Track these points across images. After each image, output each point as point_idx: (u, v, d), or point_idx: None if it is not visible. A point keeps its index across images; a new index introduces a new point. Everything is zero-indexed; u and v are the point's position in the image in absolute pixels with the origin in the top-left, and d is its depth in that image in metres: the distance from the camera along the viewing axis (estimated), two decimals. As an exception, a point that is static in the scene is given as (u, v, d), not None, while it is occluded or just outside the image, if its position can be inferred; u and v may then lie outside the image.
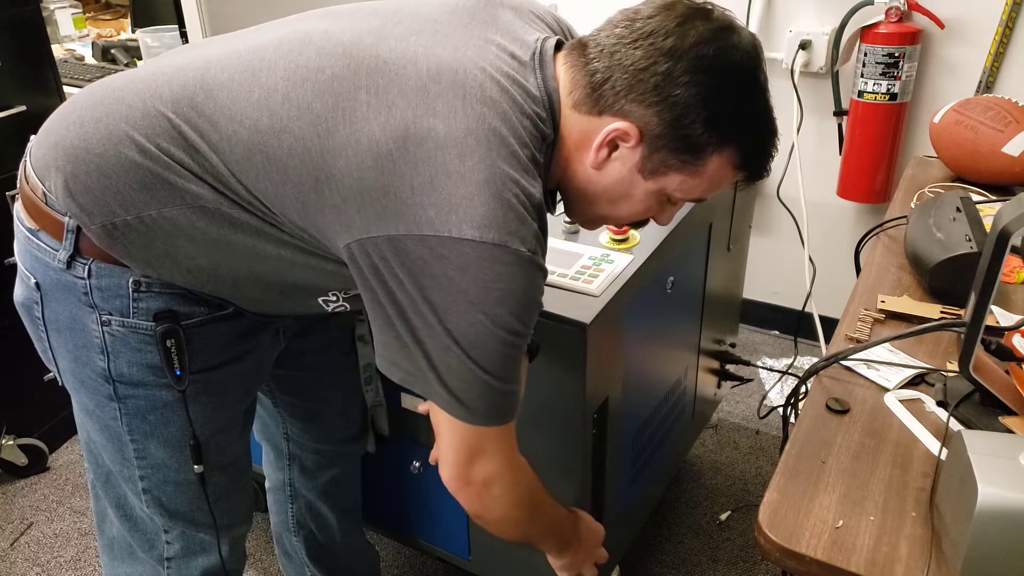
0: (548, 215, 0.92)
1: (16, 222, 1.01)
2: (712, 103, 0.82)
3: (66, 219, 0.93)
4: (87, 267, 0.94)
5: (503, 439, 0.91)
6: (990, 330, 1.05)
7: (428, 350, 0.84)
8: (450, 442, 0.90)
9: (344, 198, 0.82)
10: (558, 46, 0.92)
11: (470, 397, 0.85)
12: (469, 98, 0.82)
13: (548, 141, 0.88)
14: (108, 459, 1.08)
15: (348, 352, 1.34)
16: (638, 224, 1.00)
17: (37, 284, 0.98)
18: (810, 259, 2.26)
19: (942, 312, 1.17)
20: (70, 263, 0.94)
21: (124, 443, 1.04)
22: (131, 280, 0.95)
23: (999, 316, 1.16)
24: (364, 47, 0.86)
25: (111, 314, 0.96)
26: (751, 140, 0.88)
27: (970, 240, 1.17)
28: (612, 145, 0.87)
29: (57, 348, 1.02)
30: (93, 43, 2.76)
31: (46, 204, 0.94)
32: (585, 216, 0.98)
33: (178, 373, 0.99)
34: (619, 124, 0.85)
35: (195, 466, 1.06)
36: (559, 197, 0.99)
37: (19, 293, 1.03)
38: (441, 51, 0.86)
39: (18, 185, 1.00)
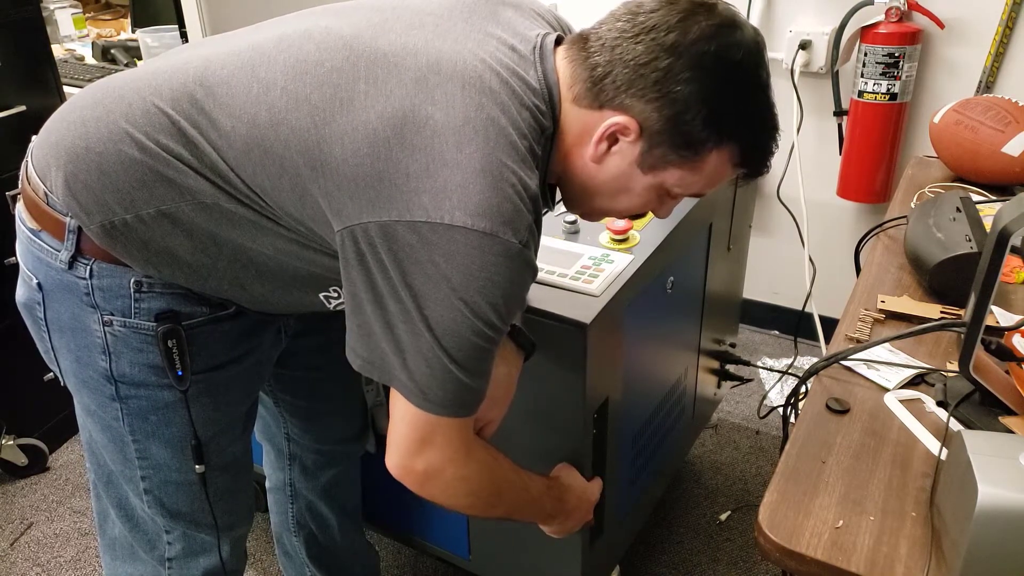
0: (546, 212, 0.91)
1: (18, 223, 1.01)
2: (712, 101, 0.83)
3: (67, 219, 0.93)
4: (89, 267, 0.94)
5: (455, 431, 0.90)
6: (990, 330, 1.05)
7: (398, 335, 0.83)
8: (400, 427, 0.90)
9: (338, 185, 0.82)
10: (558, 42, 0.92)
11: (431, 385, 0.85)
12: (468, 88, 0.82)
13: (547, 134, 0.88)
14: (110, 459, 1.09)
15: (348, 352, 1.34)
16: (637, 216, 1.00)
17: (39, 284, 0.98)
18: (810, 259, 2.26)
19: (942, 312, 1.17)
20: (72, 263, 0.95)
21: (126, 443, 1.05)
22: (133, 280, 0.95)
23: (999, 316, 1.16)
24: (364, 40, 0.86)
25: (113, 314, 0.96)
26: (751, 138, 0.88)
27: (970, 240, 1.17)
28: (612, 139, 0.87)
29: (59, 348, 1.02)
30: (93, 43, 2.76)
31: (47, 204, 0.95)
32: (584, 209, 0.98)
33: (180, 373, 0.99)
34: (619, 119, 0.85)
35: (196, 466, 1.06)
36: (559, 196, 0.99)
37: (21, 293, 1.03)
38: (441, 43, 0.86)
39: (20, 186, 1.00)
